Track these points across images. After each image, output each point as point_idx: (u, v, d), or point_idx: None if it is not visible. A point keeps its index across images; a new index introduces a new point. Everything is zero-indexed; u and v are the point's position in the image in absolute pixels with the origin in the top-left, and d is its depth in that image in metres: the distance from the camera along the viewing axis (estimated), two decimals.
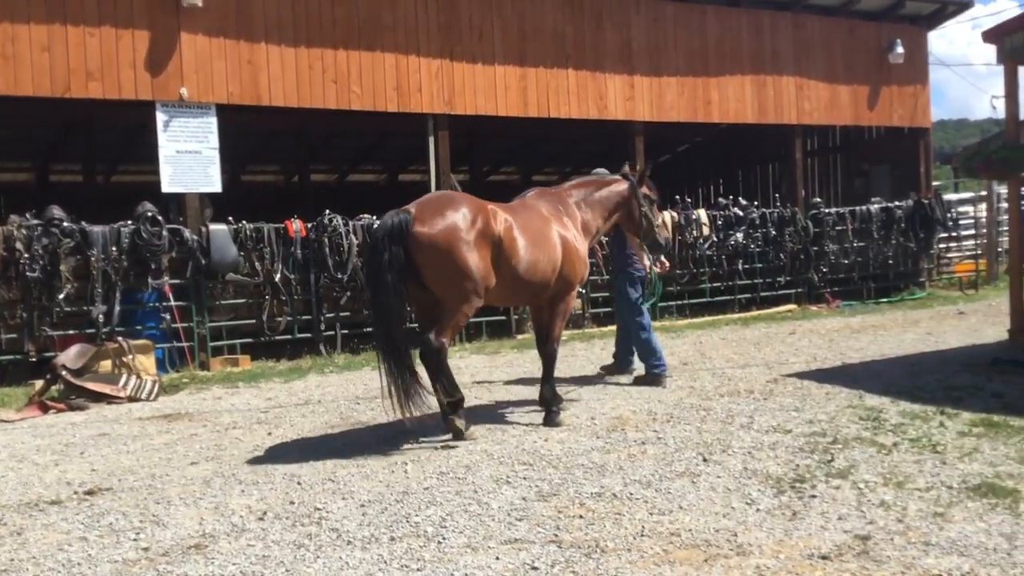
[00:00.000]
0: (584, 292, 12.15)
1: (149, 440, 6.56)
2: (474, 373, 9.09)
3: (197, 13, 10.40)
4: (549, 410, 6.44)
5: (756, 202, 15.38)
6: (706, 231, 13.74)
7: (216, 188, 10.73)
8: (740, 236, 14.04)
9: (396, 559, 3.86)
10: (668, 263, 9.30)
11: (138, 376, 8.71)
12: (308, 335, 10.90)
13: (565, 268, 6.50)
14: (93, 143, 16.86)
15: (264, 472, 5.42)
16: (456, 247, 5.72)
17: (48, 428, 7.23)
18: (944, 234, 16.91)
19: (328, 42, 11.27)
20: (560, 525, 4.20)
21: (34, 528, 4.54)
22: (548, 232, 6.43)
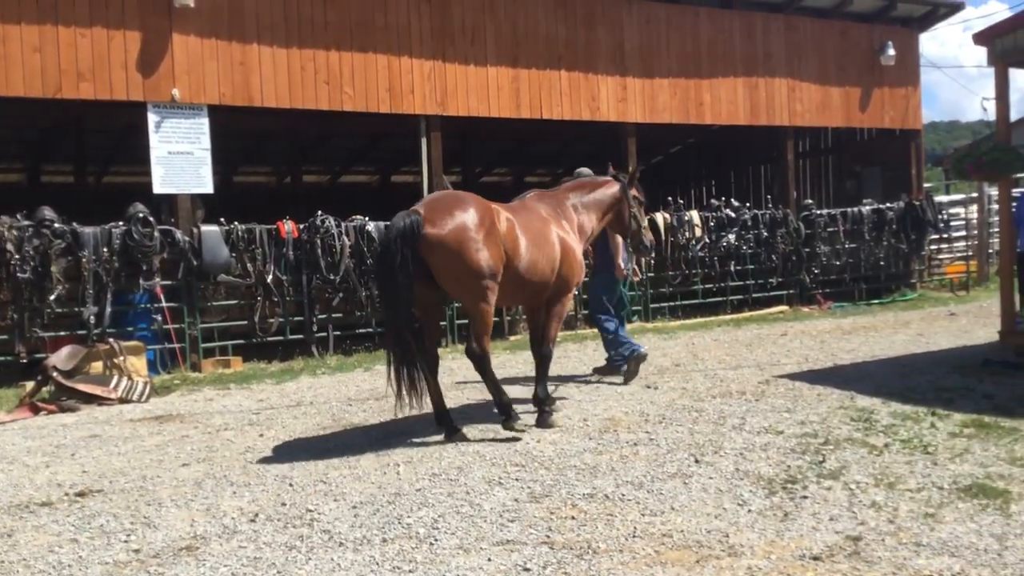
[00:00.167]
0: (577, 293, 12.15)
1: (140, 442, 6.54)
2: (467, 374, 9.07)
3: (189, 14, 10.37)
4: (542, 411, 6.44)
5: (748, 204, 15.45)
6: (698, 232, 13.79)
7: (208, 189, 10.70)
8: (732, 238, 14.10)
9: (388, 561, 3.86)
10: (637, 272, 9.35)
11: (129, 377, 8.68)
12: (300, 336, 10.88)
13: (563, 269, 6.53)
14: (84, 144, 16.83)
15: (256, 474, 5.41)
16: (466, 247, 5.80)
17: (39, 430, 7.21)
18: (935, 236, 16.98)
19: (320, 43, 11.25)
20: (552, 526, 4.20)
21: (25, 530, 4.52)
22: (548, 233, 6.47)
